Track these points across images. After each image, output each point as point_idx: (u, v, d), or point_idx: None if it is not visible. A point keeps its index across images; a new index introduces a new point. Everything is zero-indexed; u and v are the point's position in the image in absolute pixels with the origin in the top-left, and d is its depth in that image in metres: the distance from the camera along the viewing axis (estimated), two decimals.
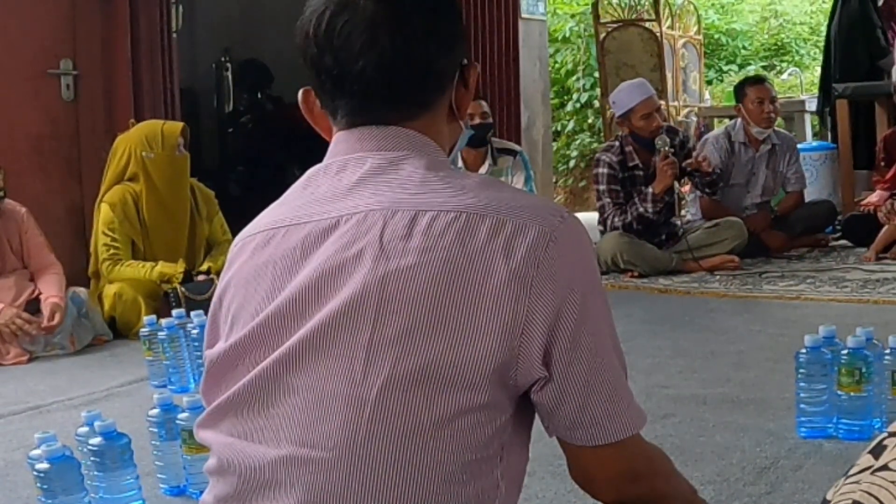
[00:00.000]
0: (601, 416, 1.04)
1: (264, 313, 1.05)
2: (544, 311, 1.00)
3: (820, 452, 2.28)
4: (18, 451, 2.61)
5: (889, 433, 0.82)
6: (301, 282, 1.04)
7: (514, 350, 1.00)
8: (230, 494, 1.04)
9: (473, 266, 0.99)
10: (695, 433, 2.45)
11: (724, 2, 12.61)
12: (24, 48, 4.62)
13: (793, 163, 5.60)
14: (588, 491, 1.11)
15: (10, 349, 3.85)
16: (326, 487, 0.99)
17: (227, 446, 1.05)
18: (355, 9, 1.06)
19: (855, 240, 5.53)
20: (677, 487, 1.18)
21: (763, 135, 5.46)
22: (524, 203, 1.03)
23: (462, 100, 1.16)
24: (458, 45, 1.14)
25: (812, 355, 2.37)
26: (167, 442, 2.25)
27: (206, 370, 1.12)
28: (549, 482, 2.08)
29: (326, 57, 1.08)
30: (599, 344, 1.04)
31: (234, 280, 1.11)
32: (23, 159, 4.55)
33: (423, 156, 1.08)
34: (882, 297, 4.11)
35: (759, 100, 5.39)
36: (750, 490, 2.06)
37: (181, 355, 3.27)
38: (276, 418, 1.02)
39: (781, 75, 10.36)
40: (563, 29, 10.22)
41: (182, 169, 4.43)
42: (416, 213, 1.02)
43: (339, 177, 1.09)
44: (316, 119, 1.17)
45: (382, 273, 1.00)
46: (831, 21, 6.70)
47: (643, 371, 3.04)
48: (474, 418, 1.00)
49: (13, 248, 4.08)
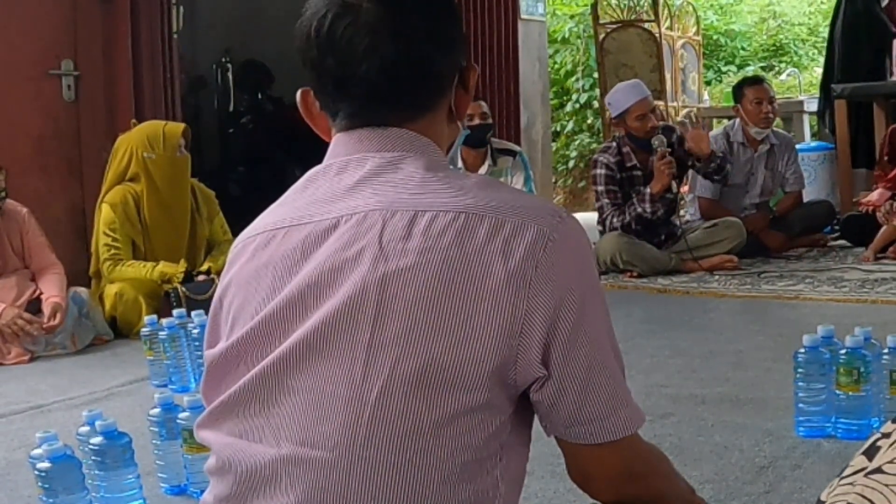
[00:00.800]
0: (599, 415, 1.04)
1: (263, 313, 1.05)
2: (543, 311, 1.00)
3: (818, 452, 2.27)
4: (20, 450, 2.61)
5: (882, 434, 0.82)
6: (300, 282, 1.04)
7: (513, 350, 1.00)
8: (230, 494, 1.05)
9: (472, 266, 0.99)
10: (693, 432, 2.46)
11: (723, 3, 12.61)
12: (25, 49, 4.63)
13: (791, 163, 5.61)
14: (586, 490, 1.11)
15: (11, 349, 3.87)
16: (326, 487, 0.99)
17: (227, 446, 1.05)
18: (357, 12, 1.06)
19: (853, 240, 5.53)
20: (675, 487, 1.18)
21: (761, 135, 5.47)
22: (523, 203, 1.04)
23: (461, 102, 1.16)
24: (458, 48, 1.14)
25: (811, 355, 2.37)
26: (168, 441, 2.25)
27: (206, 370, 1.13)
28: (548, 481, 2.08)
29: (328, 59, 1.08)
30: (597, 343, 1.04)
31: (234, 280, 1.12)
32: (24, 159, 4.56)
33: (423, 156, 1.09)
34: (880, 297, 4.11)
35: (758, 100, 5.40)
36: (748, 489, 2.06)
37: (182, 355, 3.27)
38: (275, 418, 1.02)
39: (780, 76, 10.38)
40: (563, 30, 10.23)
41: (183, 169, 4.44)
42: (415, 214, 1.02)
43: (339, 177, 1.09)
44: (315, 119, 1.17)
45: (381, 273, 1.00)
46: (834, 22, 6.69)
47: (642, 370, 3.04)
48: (474, 418, 1.00)
49: (14, 248, 4.09)
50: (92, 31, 4.80)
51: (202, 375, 1.14)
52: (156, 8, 4.98)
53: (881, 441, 0.81)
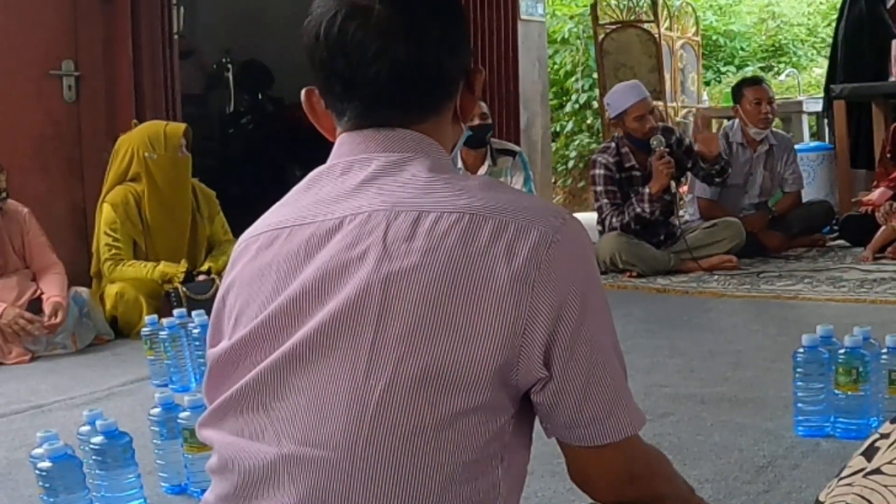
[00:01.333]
0: (599, 417, 1.04)
1: (266, 312, 1.05)
2: (545, 313, 1.00)
3: (817, 451, 2.28)
4: (21, 449, 2.62)
5: (881, 434, 0.82)
6: (304, 281, 1.04)
7: (515, 351, 1.00)
8: (231, 493, 1.05)
9: (476, 267, 1.00)
10: (693, 432, 2.46)
11: (722, 3, 12.63)
12: (26, 49, 4.63)
13: (790, 163, 5.62)
14: (586, 492, 1.12)
15: (12, 349, 3.87)
16: (328, 487, 0.99)
17: (229, 445, 1.05)
18: (368, 14, 1.06)
19: (852, 240, 5.54)
20: (676, 488, 1.19)
21: (760, 135, 5.49)
22: (526, 205, 1.04)
23: (467, 104, 1.16)
24: (465, 50, 1.15)
25: (809, 354, 2.37)
26: (168, 441, 2.25)
27: (209, 369, 1.13)
28: (547, 481, 2.08)
29: (338, 61, 1.08)
30: (599, 344, 1.04)
31: (238, 279, 1.12)
32: (25, 159, 4.56)
33: (428, 158, 1.09)
34: (879, 297, 4.12)
35: (757, 100, 5.42)
36: (748, 488, 2.07)
37: (182, 355, 3.27)
38: (278, 417, 1.02)
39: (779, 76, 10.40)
40: (562, 30, 10.23)
41: (184, 169, 4.44)
42: (419, 214, 1.02)
43: (343, 178, 1.09)
44: (319, 119, 1.16)
45: (385, 273, 1.00)
46: (838, 23, 6.69)
47: (641, 370, 3.05)
48: (476, 419, 1.00)
49: (15, 248, 4.09)
50: (93, 32, 4.80)
51: (205, 374, 1.14)
52: (156, 8, 4.97)
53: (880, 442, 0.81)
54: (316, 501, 0.99)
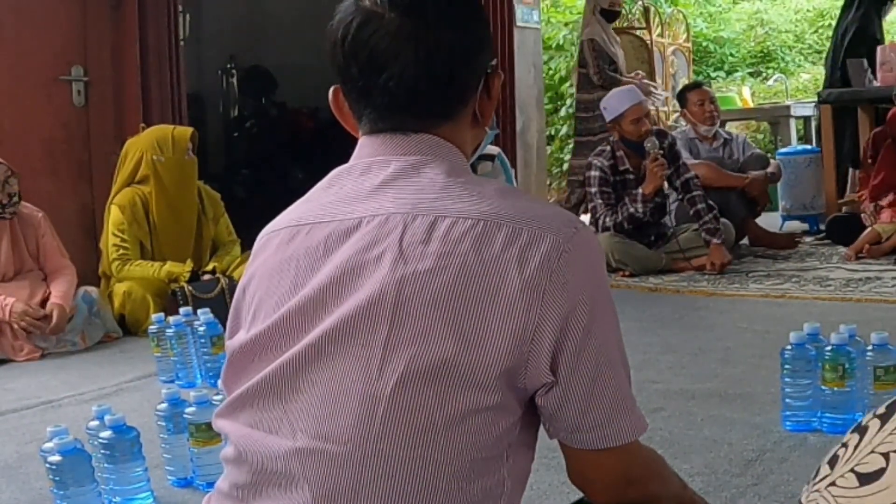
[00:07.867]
0: (601, 422, 1.05)
1: (285, 308, 1.07)
2: (554, 320, 1.01)
3: (805, 445, 2.29)
4: (31, 444, 2.64)
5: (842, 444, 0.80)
6: (322, 279, 1.05)
7: (523, 355, 1.01)
8: (245, 483, 1.06)
9: (488, 273, 1.00)
10: (683, 427, 2.48)
11: (713, 11, 12.68)
12: (37, 55, 4.66)
13: (748, 148, 5.98)
14: (585, 492, 1.13)
15: (24, 346, 3.91)
16: (339, 480, 1.00)
17: (245, 436, 1.06)
18: (381, 20, 1.07)
19: (838, 240, 5.62)
20: (671, 488, 1.20)
21: (711, 132, 5.85)
22: (540, 213, 1.05)
23: (485, 107, 1.16)
24: (483, 54, 1.13)
25: (797, 352, 2.39)
26: (175, 435, 2.26)
27: (227, 361, 1.14)
28: (542, 474, 2.06)
29: (352, 67, 1.09)
30: (605, 352, 1.05)
31: (258, 272, 1.13)
32: (35, 162, 4.59)
33: (445, 161, 1.09)
34: (864, 296, 4.13)
35: (700, 101, 5.81)
36: (737, 482, 2.08)
37: (188, 352, 3.29)
38: (292, 411, 1.03)
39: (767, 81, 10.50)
40: (557, 37, 10.23)
41: (191, 172, 4.49)
42: (435, 219, 1.03)
43: (362, 178, 1.10)
44: (344, 117, 1.17)
45: (400, 276, 1.01)
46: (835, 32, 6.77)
47: (634, 367, 2.93)
48: (484, 418, 1.01)
49: (30, 250, 4.14)
50: (101, 38, 4.83)
51: (224, 366, 1.15)
52: (163, 15, 4.99)
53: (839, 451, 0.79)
54: (327, 494, 1.00)
